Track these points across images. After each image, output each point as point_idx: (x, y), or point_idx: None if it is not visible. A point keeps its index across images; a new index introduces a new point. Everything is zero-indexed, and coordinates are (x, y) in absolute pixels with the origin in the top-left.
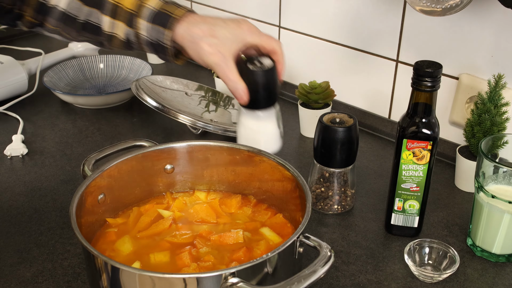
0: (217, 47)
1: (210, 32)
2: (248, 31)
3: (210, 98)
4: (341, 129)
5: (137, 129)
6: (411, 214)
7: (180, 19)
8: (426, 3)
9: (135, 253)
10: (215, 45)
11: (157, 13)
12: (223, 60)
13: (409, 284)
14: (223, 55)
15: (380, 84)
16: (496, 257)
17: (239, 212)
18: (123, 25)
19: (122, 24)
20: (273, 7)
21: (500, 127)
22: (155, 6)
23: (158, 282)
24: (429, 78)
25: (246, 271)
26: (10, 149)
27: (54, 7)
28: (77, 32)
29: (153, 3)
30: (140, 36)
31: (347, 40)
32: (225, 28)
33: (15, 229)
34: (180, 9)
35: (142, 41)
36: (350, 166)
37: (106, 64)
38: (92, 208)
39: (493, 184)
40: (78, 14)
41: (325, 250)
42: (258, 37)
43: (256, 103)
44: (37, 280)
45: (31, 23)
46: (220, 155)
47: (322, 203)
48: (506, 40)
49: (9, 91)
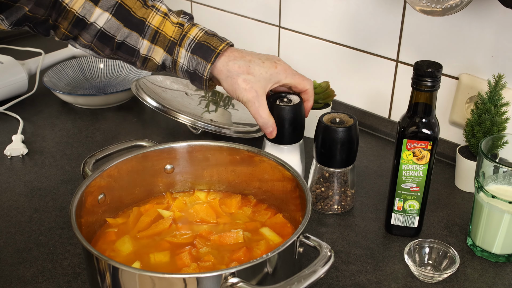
0: (252, 84)
1: (247, 69)
2: (282, 71)
3: (210, 98)
4: (341, 129)
5: (137, 129)
6: (411, 214)
7: (220, 54)
8: (426, 3)
9: (135, 253)
10: (251, 82)
11: (199, 45)
12: (256, 97)
13: (409, 284)
14: (256, 93)
15: (380, 84)
16: (496, 257)
17: (239, 212)
18: (162, 51)
19: (161, 50)
20: (273, 7)
21: (500, 127)
22: (197, 37)
23: (158, 282)
24: (429, 78)
25: (246, 271)
26: (10, 149)
27: (93, 24)
28: (110, 51)
29: (196, 33)
30: (178, 63)
31: (347, 40)
32: (261, 66)
33: (15, 229)
34: (221, 43)
35: (178, 68)
36: (350, 166)
37: (106, 64)
38: (92, 208)
39: (493, 184)
40: (116, 33)
41: (325, 250)
42: (291, 78)
43: (282, 138)
44: (37, 280)
45: (65, 36)
46: (220, 155)
47: (322, 203)
48: (506, 40)
49: (9, 91)
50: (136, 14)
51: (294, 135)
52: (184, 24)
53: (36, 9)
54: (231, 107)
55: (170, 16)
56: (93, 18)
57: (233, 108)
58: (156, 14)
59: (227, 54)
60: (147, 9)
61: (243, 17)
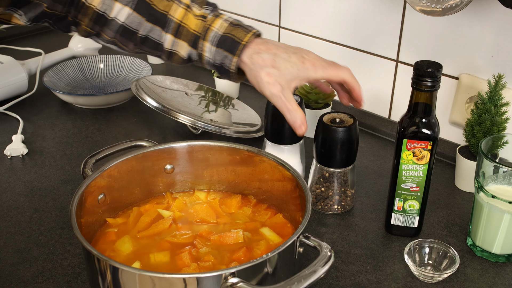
0: (276, 77)
1: (271, 63)
2: (311, 66)
3: (210, 98)
4: (341, 129)
5: (137, 129)
6: (411, 214)
7: (246, 46)
8: (426, 3)
9: (135, 253)
10: (275, 75)
11: (224, 38)
12: (280, 91)
13: (409, 284)
14: (281, 86)
15: (380, 84)
16: (496, 257)
17: (239, 212)
18: (186, 45)
19: (185, 43)
20: (273, 7)
21: (500, 127)
22: (221, 29)
23: (158, 282)
24: (429, 78)
25: (246, 271)
26: (10, 149)
27: (114, 19)
28: (134, 46)
29: (220, 25)
30: (204, 57)
31: (347, 40)
32: (287, 61)
33: (15, 229)
34: (247, 33)
35: (204, 61)
36: (350, 166)
37: (106, 64)
38: (92, 208)
39: (493, 184)
40: (138, 28)
41: (325, 250)
42: (322, 71)
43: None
44: (37, 280)
45: (87, 32)
46: (220, 155)
47: (322, 203)
48: (506, 40)
49: (9, 91)
50: (158, 7)
51: (294, 135)
52: (207, 16)
53: (54, 5)
54: (231, 107)
55: (193, 8)
56: (114, 13)
57: (233, 108)
58: (179, 6)
59: (252, 46)
60: (168, 1)
61: (243, 17)
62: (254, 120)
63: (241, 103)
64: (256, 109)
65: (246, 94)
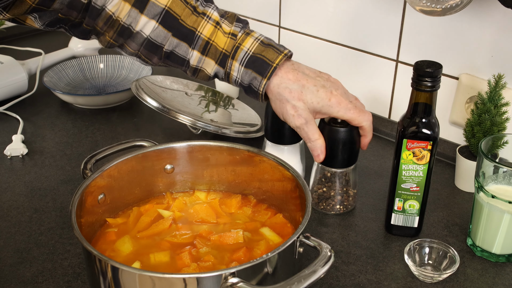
0: (301, 111)
1: (298, 95)
2: (336, 104)
3: (210, 98)
4: (342, 129)
5: (137, 129)
6: (411, 214)
7: (277, 68)
8: (426, 3)
9: (135, 253)
10: (300, 109)
11: (253, 58)
12: (304, 124)
13: (409, 284)
14: (305, 119)
15: (380, 84)
16: (496, 257)
17: (239, 212)
18: (213, 63)
19: (212, 61)
20: (273, 7)
21: (500, 127)
22: (251, 48)
23: (158, 282)
24: (429, 78)
25: (246, 271)
26: (10, 149)
27: (139, 33)
28: (158, 59)
29: (250, 45)
30: (232, 76)
31: (347, 40)
32: (315, 95)
33: (15, 229)
34: (278, 55)
35: (231, 80)
36: (352, 166)
37: (106, 64)
38: (92, 208)
39: (493, 184)
40: (164, 43)
41: (325, 250)
42: (344, 113)
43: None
44: (37, 280)
45: (110, 44)
46: (220, 155)
47: (324, 203)
48: (506, 40)
49: (9, 91)
50: (186, 22)
51: (294, 135)
52: (237, 35)
53: (68, 12)
54: (231, 107)
55: (222, 25)
56: (139, 26)
57: (233, 108)
58: (207, 23)
59: (280, 74)
60: (197, 17)
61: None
62: (254, 120)
63: (241, 103)
64: (256, 109)
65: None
